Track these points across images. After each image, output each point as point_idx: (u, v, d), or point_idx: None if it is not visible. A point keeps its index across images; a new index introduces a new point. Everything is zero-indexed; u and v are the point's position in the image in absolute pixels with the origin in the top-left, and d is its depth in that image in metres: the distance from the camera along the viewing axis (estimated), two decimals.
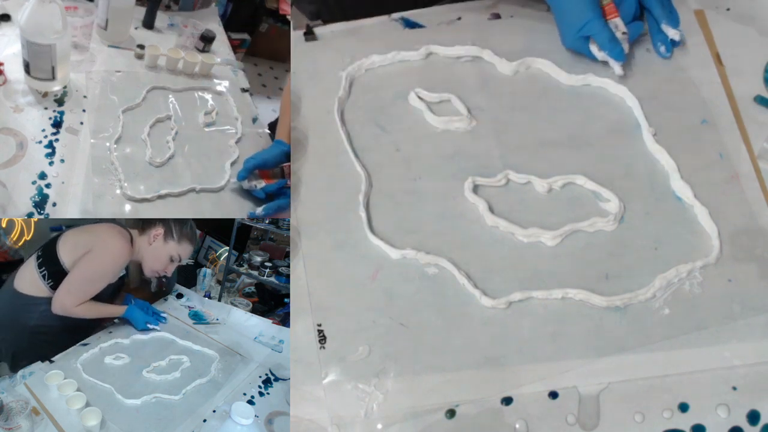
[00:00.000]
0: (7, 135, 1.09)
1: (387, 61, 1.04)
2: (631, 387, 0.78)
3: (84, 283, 1.27)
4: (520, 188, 0.92)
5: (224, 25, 1.78)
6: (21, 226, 1.84)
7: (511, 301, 0.83)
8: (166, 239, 1.34)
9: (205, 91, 1.38)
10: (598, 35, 0.96)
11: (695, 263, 0.84)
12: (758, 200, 0.89)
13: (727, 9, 1.05)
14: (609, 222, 0.88)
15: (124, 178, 1.08)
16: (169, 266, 1.37)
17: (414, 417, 0.77)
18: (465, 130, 0.97)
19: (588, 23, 0.95)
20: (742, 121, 0.95)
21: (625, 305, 0.82)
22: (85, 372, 1.10)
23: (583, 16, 0.95)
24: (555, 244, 0.87)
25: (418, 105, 0.99)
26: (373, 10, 1.09)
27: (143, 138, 1.18)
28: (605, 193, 0.90)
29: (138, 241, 1.34)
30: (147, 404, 1.05)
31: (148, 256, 1.35)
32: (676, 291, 0.83)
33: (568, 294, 0.83)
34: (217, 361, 1.24)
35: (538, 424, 0.76)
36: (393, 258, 0.86)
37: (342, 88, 1.00)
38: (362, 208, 0.89)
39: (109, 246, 1.30)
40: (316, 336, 0.82)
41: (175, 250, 1.35)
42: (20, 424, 0.92)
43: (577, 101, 0.99)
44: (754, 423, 0.76)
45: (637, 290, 0.83)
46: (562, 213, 0.89)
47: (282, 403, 1.14)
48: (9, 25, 1.32)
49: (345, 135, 0.96)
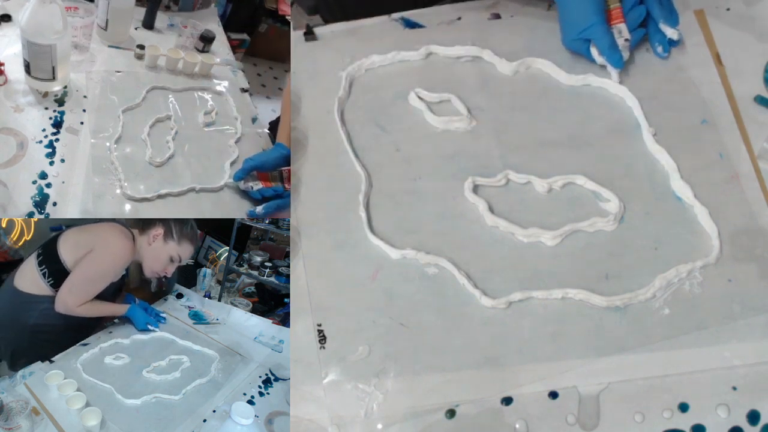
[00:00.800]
0: (7, 135, 1.09)
1: (387, 61, 1.04)
2: (631, 387, 0.77)
3: (86, 283, 1.27)
4: (520, 188, 0.92)
5: (224, 25, 1.78)
6: (21, 226, 1.84)
7: (511, 301, 0.83)
8: (165, 239, 1.33)
9: (204, 91, 1.38)
10: (599, 40, 0.96)
11: (695, 263, 0.84)
12: (758, 200, 0.89)
13: (727, 9, 1.05)
14: (609, 222, 0.88)
15: (124, 177, 1.08)
16: (169, 267, 1.36)
17: (414, 417, 0.77)
18: (465, 130, 0.97)
19: (591, 27, 0.95)
20: (742, 121, 0.95)
21: (625, 305, 0.82)
22: (85, 372, 1.11)
23: (587, 19, 0.95)
24: (555, 244, 0.87)
25: (418, 105, 0.99)
26: (373, 10, 1.09)
27: (143, 138, 1.18)
28: (605, 193, 0.90)
29: (138, 240, 1.34)
30: (147, 404, 1.05)
31: (147, 257, 1.34)
32: (676, 291, 0.83)
33: (568, 294, 0.83)
34: (217, 361, 1.24)
35: (538, 424, 0.76)
36: (393, 258, 0.86)
37: (342, 88, 1.00)
38: (362, 208, 0.89)
39: (111, 245, 1.30)
40: (316, 336, 0.82)
41: (175, 251, 1.34)
42: (20, 424, 0.92)
43: (577, 101, 0.99)
44: (754, 423, 0.76)
45: (637, 290, 0.82)
46: (562, 213, 0.89)
47: (282, 403, 1.14)
48: (9, 26, 1.32)
49: (345, 135, 0.96)
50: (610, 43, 0.95)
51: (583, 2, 0.95)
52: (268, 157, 1.10)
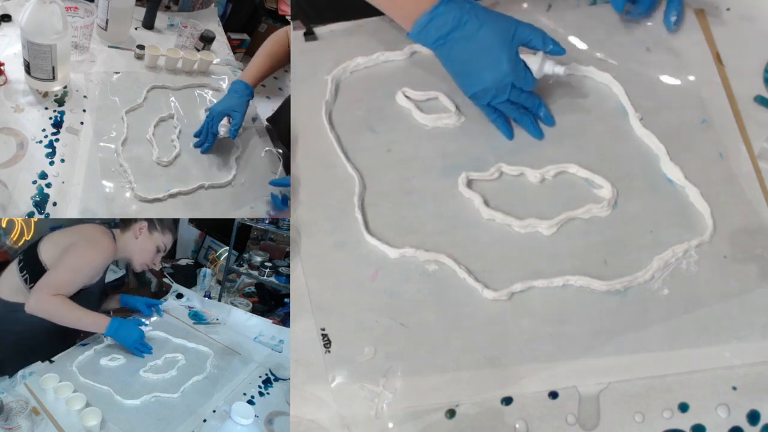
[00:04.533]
0: (7, 135, 1.09)
1: (372, 63, 1.04)
2: (631, 387, 0.77)
3: (64, 272, 1.21)
4: (514, 180, 0.92)
5: (223, 25, 1.78)
6: (21, 226, 1.84)
7: (513, 292, 0.83)
8: (150, 231, 1.34)
9: (203, 88, 1.39)
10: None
11: (690, 242, 0.85)
12: (758, 200, 0.89)
13: (727, 9, 1.04)
14: (603, 208, 0.88)
15: (134, 179, 1.08)
16: (156, 257, 1.38)
17: (414, 417, 0.77)
18: (455, 126, 0.97)
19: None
20: (742, 121, 0.95)
21: (625, 288, 0.82)
22: (82, 375, 1.10)
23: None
24: (552, 233, 0.87)
25: (405, 104, 0.99)
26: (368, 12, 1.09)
27: (148, 138, 1.18)
28: (598, 180, 0.91)
29: (122, 239, 1.33)
30: (147, 404, 1.05)
31: (136, 250, 1.34)
32: (674, 271, 0.84)
33: (568, 281, 0.83)
34: (212, 357, 1.25)
35: (538, 424, 0.76)
36: (392, 257, 0.86)
37: (328, 92, 1.00)
38: (357, 210, 0.89)
39: (91, 240, 1.28)
40: (321, 340, 0.82)
41: (161, 240, 1.36)
42: (20, 424, 0.91)
43: (564, 90, 0.98)
44: (754, 423, 0.76)
45: (635, 273, 0.83)
46: (556, 202, 0.90)
47: (282, 403, 1.14)
48: (9, 26, 1.32)
49: (335, 138, 0.96)
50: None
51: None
52: (232, 101, 1.18)
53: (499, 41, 0.87)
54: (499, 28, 0.88)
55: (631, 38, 1.03)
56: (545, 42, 0.89)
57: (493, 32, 0.87)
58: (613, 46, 1.02)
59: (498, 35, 0.87)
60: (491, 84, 0.89)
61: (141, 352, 1.21)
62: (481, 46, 0.88)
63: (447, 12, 0.88)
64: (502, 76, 0.89)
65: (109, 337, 1.20)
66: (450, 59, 0.91)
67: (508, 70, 0.88)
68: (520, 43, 0.89)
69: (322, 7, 1.19)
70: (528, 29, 0.89)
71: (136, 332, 1.21)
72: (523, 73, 0.89)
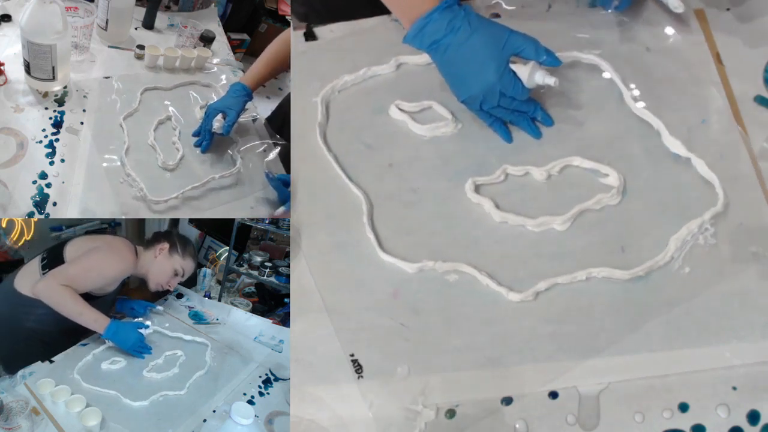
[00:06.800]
0: (7, 135, 1.09)
1: (359, 79, 1.03)
2: (631, 387, 0.77)
3: (78, 267, 1.24)
4: (521, 180, 0.92)
5: (223, 25, 1.78)
6: (21, 226, 1.84)
7: (538, 292, 0.82)
8: (171, 253, 1.37)
9: (197, 85, 1.40)
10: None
11: (704, 216, 0.85)
12: (758, 200, 0.89)
13: (727, 9, 1.05)
14: (613, 196, 0.88)
15: (144, 186, 1.09)
16: (172, 280, 1.39)
17: (414, 417, 0.77)
18: (452, 133, 0.97)
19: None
20: (742, 121, 0.95)
21: (647, 273, 0.83)
22: (85, 381, 1.09)
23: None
24: (566, 228, 0.87)
25: (400, 117, 0.98)
26: (366, 14, 1.09)
27: (150, 143, 1.18)
28: (603, 169, 0.91)
29: (143, 256, 1.36)
30: (155, 404, 1.05)
31: (153, 270, 1.37)
32: (692, 248, 0.84)
33: (591, 274, 0.83)
34: (209, 349, 1.26)
35: (538, 424, 0.76)
36: (410, 272, 0.86)
37: (320, 113, 0.99)
38: (369, 230, 0.88)
39: (114, 249, 1.32)
40: (352, 367, 0.80)
41: (180, 264, 1.38)
42: (20, 424, 0.92)
43: (559, 84, 0.98)
44: (754, 423, 0.76)
45: (655, 258, 0.83)
46: (566, 196, 0.89)
47: (282, 403, 1.14)
48: (9, 26, 1.32)
49: (333, 159, 0.95)
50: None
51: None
52: (229, 99, 1.21)
53: (489, 50, 0.88)
54: (490, 36, 0.88)
55: (631, 38, 1.03)
56: (538, 52, 0.89)
57: (484, 40, 0.88)
58: (613, 46, 1.02)
59: (488, 43, 0.88)
60: (478, 92, 0.90)
61: (140, 353, 1.21)
62: (470, 53, 0.88)
63: (441, 18, 0.88)
64: (488, 84, 0.89)
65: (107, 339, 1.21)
66: (443, 64, 0.92)
67: (494, 79, 0.88)
68: (512, 52, 0.89)
69: (321, 8, 1.19)
70: (520, 39, 0.89)
71: (134, 335, 1.22)
72: (512, 83, 0.89)
